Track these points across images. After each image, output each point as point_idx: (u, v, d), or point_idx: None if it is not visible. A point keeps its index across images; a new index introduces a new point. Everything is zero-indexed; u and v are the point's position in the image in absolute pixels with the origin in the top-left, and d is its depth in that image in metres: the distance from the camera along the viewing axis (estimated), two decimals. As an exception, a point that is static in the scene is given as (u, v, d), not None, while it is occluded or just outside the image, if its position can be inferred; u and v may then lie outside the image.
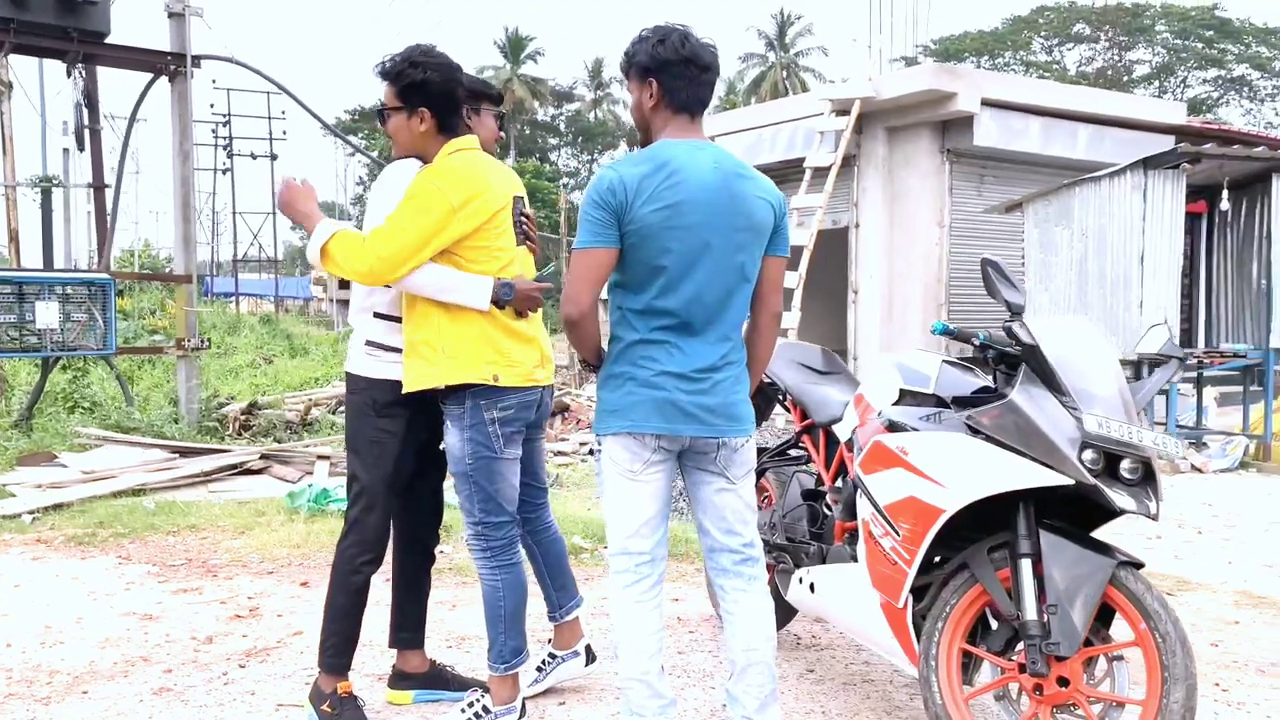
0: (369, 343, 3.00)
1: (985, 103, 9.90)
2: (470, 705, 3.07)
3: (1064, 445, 2.53)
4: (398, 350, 3.01)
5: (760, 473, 3.86)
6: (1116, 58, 49.56)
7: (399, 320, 2.99)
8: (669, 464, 2.68)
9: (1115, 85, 42.23)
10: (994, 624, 2.83)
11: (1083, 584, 2.54)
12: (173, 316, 18.22)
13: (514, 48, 55.82)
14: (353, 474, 3.03)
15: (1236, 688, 3.42)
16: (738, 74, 50.76)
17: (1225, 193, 7.78)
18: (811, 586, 3.28)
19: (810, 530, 3.53)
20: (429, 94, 2.89)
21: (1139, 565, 2.58)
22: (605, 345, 2.74)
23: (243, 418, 9.21)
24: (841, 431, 3.39)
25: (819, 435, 3.60)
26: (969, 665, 2.83)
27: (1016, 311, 2.68)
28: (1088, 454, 2.53)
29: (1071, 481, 2.52)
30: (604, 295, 2.70)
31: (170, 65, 9.06)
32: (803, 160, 10.53)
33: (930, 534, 2.72)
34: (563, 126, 59.33)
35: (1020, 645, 2.70)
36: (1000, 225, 10.17)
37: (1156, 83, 48.14)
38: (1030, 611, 2.57)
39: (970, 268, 10.62)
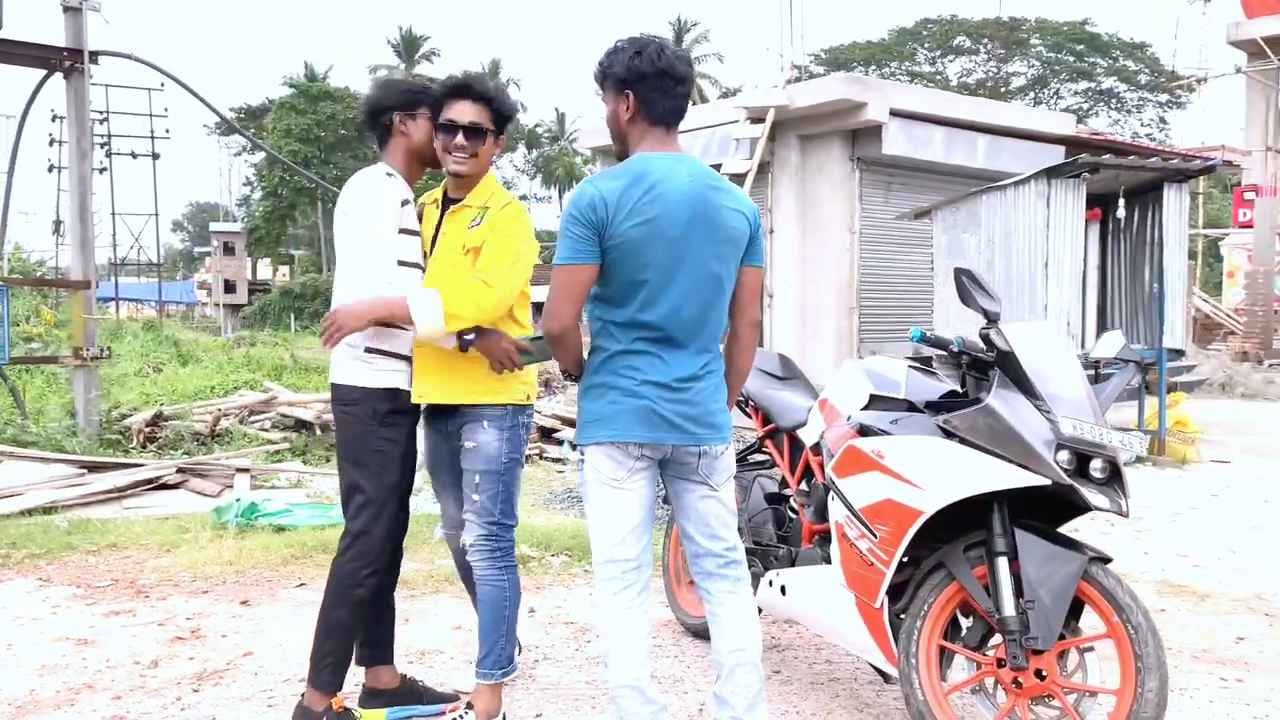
0: (369, 350, 2.95)
1: (893, 112, 10.22)
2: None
3: (1040, 447, 2.65)
4: (399, 357, 2.97)
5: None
6: (995, 69, 51.67)
7: (398, 326, 2.94)
8: (652, 471, 2.70)
9: (995, 96, 44.01)
10: (963, 622, 2.94)
11: (1057, 579, 2.65)
12: (49, 324, 17.36)
13: (408, 47, 54.94)
14: (354, 486, 2.96)
15: (1175, 675, 3.60)
16: (634, 78, 50.76)
17: (1121, 201, 8.20)
18: (782, 589, 3.34)
19: (777, 534, 3.59)
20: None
21: (1107, 560, 2.72)
22: (585, 355, 2.76)
23: (148, 429, 8.83)
24: (807, 436, 3.46)
25: (783, 440, 3.67)
26: (941, 662, 2.93)
27: (993, 319, 2.79)
28: (1062, 455, 2.65)
29: (1048, 482, 2.63)
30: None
31: (66, 61, 8.63)
32: (719, 167, 10.66)
33: (908, 535, 2.81)
34: (457, 128, 58.52)
35: (995, 640, 2.82)
36: (909, 231, 10.52)
37: (1032, 94, 50.38)
38: (1009, 607, 2.68)
39: (880, 273, 10.95)
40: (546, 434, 9.46)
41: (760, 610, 3.54)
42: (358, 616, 3.03)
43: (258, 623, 4.21)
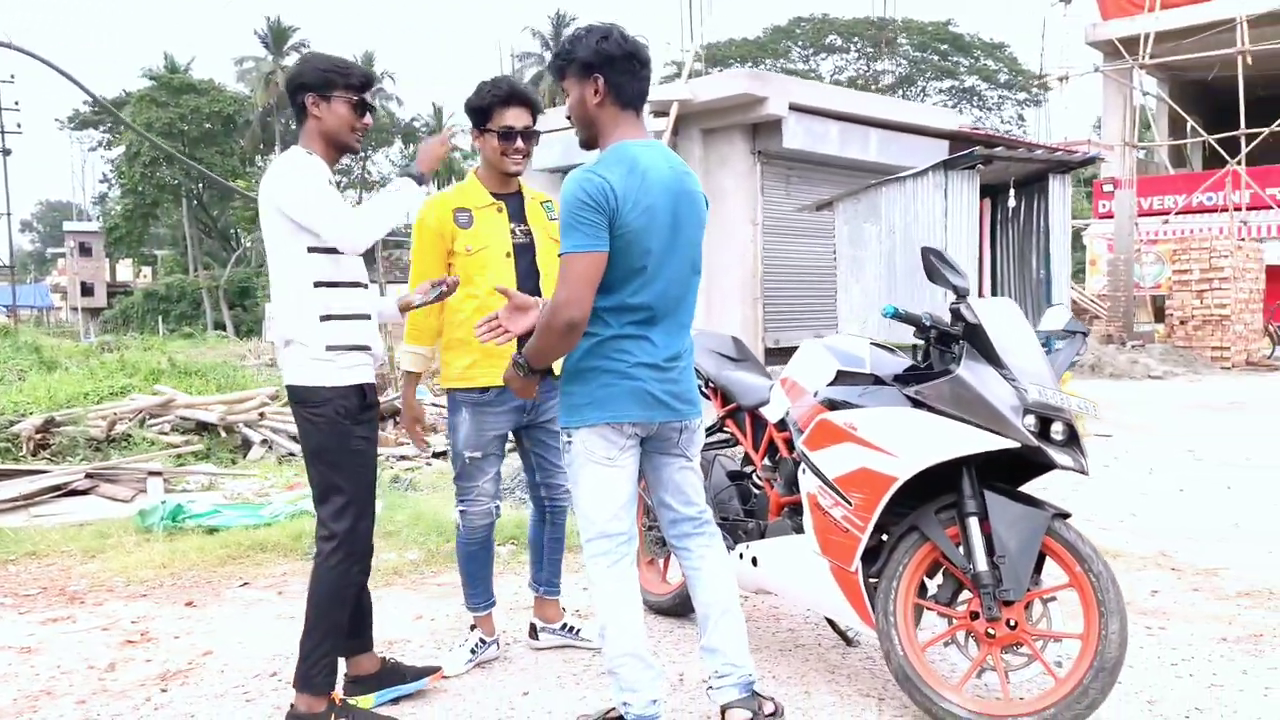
0: (330, 348, 2.89)
1: (792, 107, 10.51)
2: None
3: (1008, 413, 2.84)
4: (360, 349, 2.96)
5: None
6: (865, 68, 53.41)
7: (357, 318, 2.94)
8: (638, 448, 2.82)
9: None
10: (929, 583, 3.12)
11: (1025, 535, 2.86)
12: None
13: (276, 39, 53.18)
14: (332, 487, 2.91)
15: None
16: (516, 73, 50.67)
17: (1012, 191, 8.69)
18: (754, 560, 3.47)
19: (743, 509, 3.72)
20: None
21: (1067, 515, 2.93)
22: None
23: (38, 436, 8.39)
24: (770, 413, 3.59)
25: (744, 419, 3.80)
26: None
27: (962, 294, 2.98)
28: (1028, 419, 2.85)
29: (1017, 445, 2.83)
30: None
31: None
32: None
33: (883, 501, 2.97)
34: (331, 122, 57.00)
35: (964, 596, 3.02)
36: (810, 223, 10.84)
37: (900, 92, 52.29)
38: (982, 563, 2.87)
39: (783, 264, 11.25)
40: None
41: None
42: (347, 615, 3.02)
43: (208, 623, 4.11)
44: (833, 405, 3.20)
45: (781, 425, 3.54)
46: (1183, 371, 15.78)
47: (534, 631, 3.73)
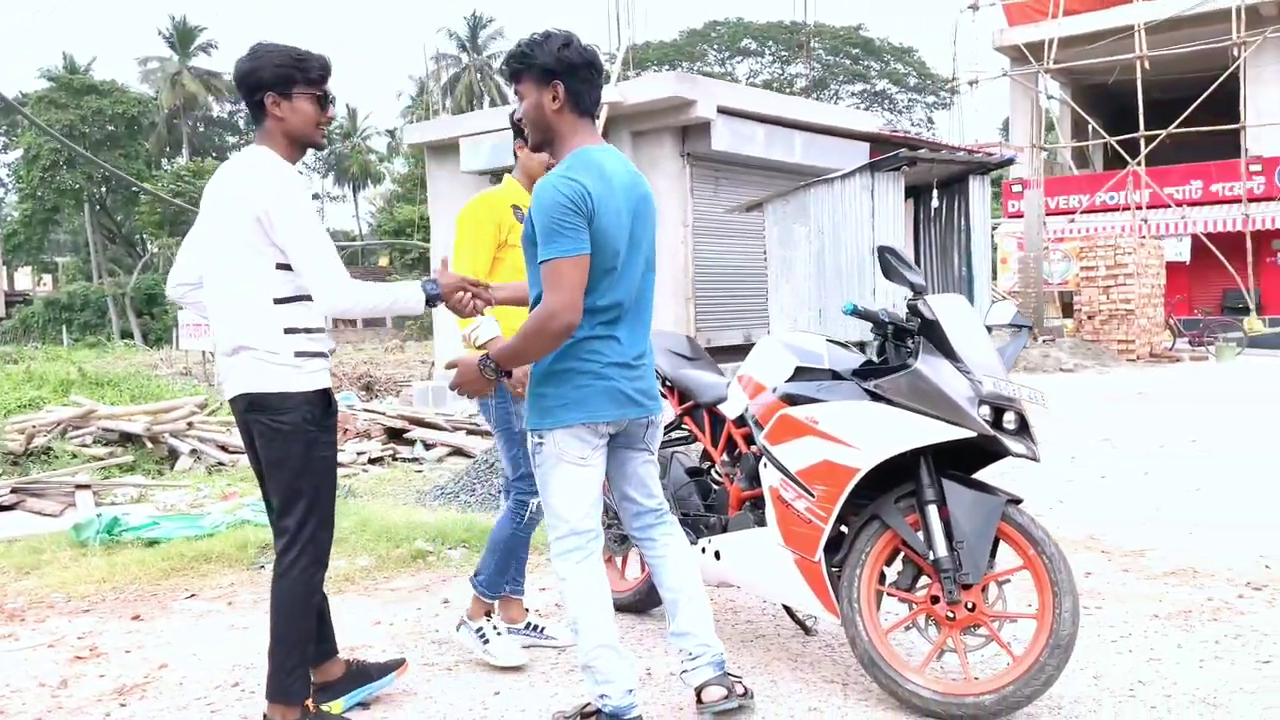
0: (299, 354, 2.84)
1: (720, 110, 10.66)
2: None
3: (964, 404, 2.97)
4: (323, 355, 2.95)
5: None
6: (780, 71, 54.23)
7: (317, 330, 2.92)
8: (607, 446, 2.89)
9: (783, 96, 46.14)
10: (887, 572, 3.24)
11: (981, 521, 2.98)
12: None
13: (182, 39, 51.70)
14: (296, 495, 2.87)
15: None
16: (431, 74, 50.16)
17: (935, 192, 8.96)
18: (716, 554, 3.54)
19: (703, 504, 3.79)
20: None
21: (1019, 501, 3.07)
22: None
23: (-50, 451, 8.04)
24: (729, 410, 3.68)
25: (702, 416, 3.88)
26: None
27: (920, 291, 3.10)
28: (983, 410, 2.98)
29: (974, 434, 2.96)
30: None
31: None
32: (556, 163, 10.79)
33: (846, 492, 3.08)
34: (241, 123, 55.73)
35: (923, 581, 3.14)
36: (740, 224, 10.99)
37: (814, 95, 53.26)
38: (942, 549, 2.99)
39: (713, 264, 11.39)
40: (396, 435, 9.31)
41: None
42: (313, 621, 3.00)
43: (159, 636, 4.02)
44: (792, 400, 3.30)
45: (740, 421, 3.63)
46: (1092, 364, 16.41)
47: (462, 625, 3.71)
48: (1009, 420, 3.02)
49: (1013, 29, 23.36)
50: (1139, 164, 21.08)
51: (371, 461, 8.47)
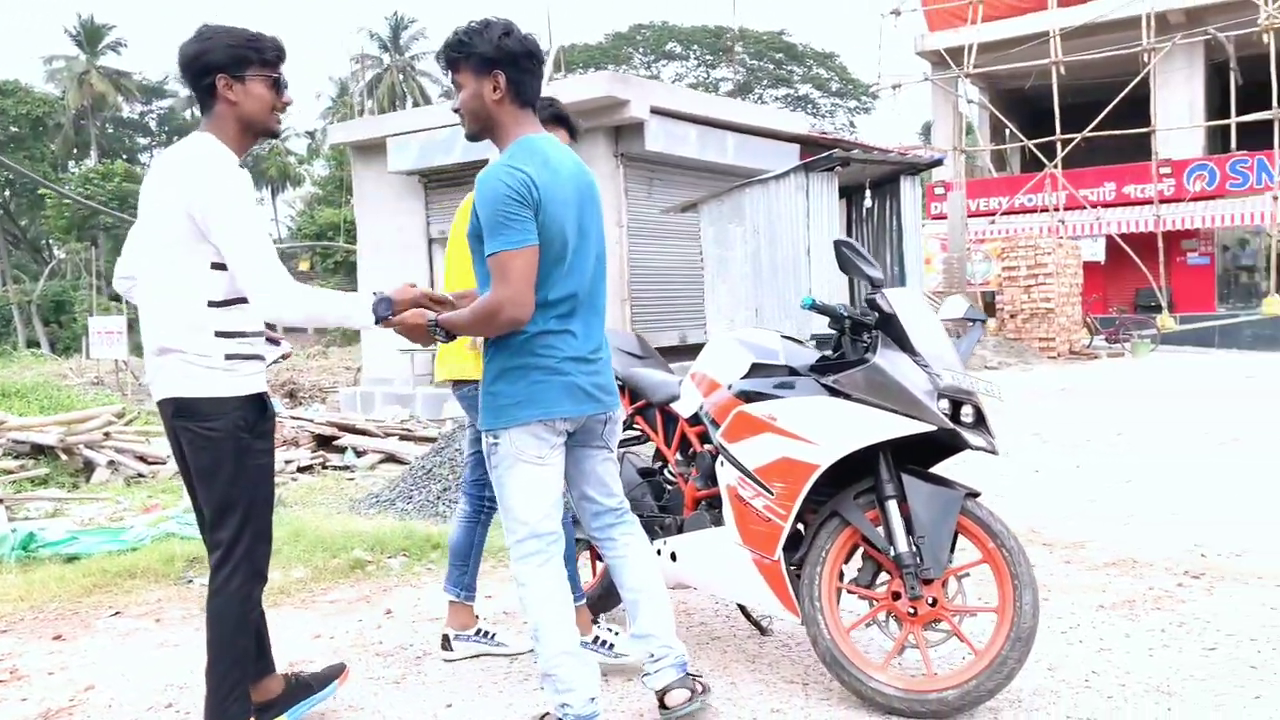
0: (230, 356, 2.68)
1: (654, 110, 10.62)
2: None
3: (924, 398, 2.95)
4: (257, 358, 2.79)
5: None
6: (705, 75, 54.58)
7: (254, 335, 2.76)
8: (564, 444, 2.80)
9: (708, 100, 46.45)
10: (845, 569, 3.21)
11: (941, 515, 2.97)
12: None
13: (90, 37, 49.91)
14: (229, 506, 2.70)
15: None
16: (352, 75, 49.27)
17: (869, 192, 9.05)
18: (673, 556, 3.47)
19: (657, 504, 3.72)
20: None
21: (977, 494, 3.07)
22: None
23: None
24: (683, 409, 3.61)
25: (654, 415, 3.81)
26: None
27: (878, 284, 3.07)
28: (942, 403, 2.97)
29: (934, 428, 2.94)
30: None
31: None
32: (488, 162, 10.63)
33: (805, 489, 3.04)
34: (154, 125, 54.10)
35: (882, 578, 3.11)
36: (674, 225, 10.96)
37: (740, 99, 53.73)
38: (903, 544, 2.97)
39: (648, 265, 11.35)
40: (325, 442, 9.07)
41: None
42: (253, 638, 2.85)
43: (83, 656, 3.81)
44: (749, 397, 3.25)
45: (694, 420, 3.57)
46: (1015, 361, 16.79)
47: (446, 642, 3.62)
48: (966, 414, 3.02)
49: (934, 34, 23.83)
50: (1056, 166, 21.67)
51: (301, 470, 8.23)
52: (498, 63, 2.66)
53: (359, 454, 8.69)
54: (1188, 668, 3.30)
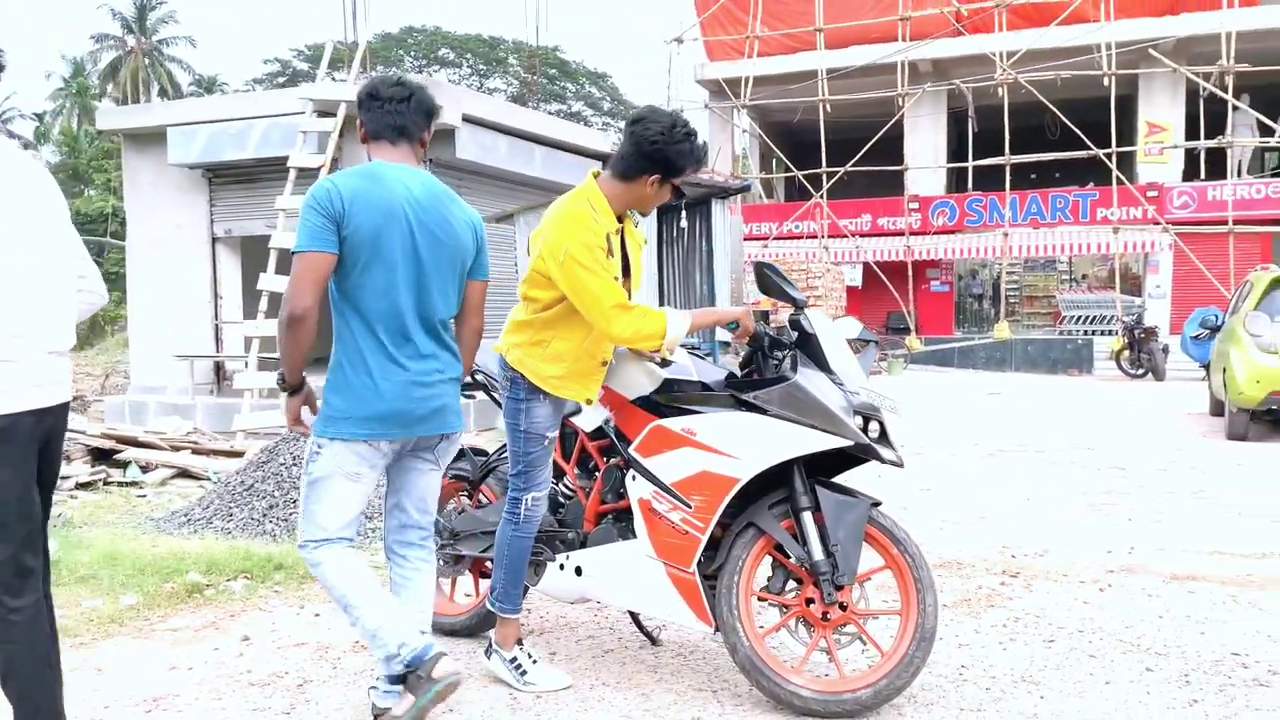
0: None
1: (465, 118, 10.47)
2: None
3: (841, 414, 3.11)
4: None
5: (482, 479, 3.92)
6: (479, 84, 54.21)
7: None
8: (386, 460, 2.95)
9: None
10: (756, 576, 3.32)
11: (852, 524, 3.14)
12: None
13: None
14: None
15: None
16: (90, 55, 45.11)
17: (684, 213, 9.34)
18: (577, 570, 3.46)
19: (555, 519, 3.68)
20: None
21: (879, 503, 3.27)
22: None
23: None
24: (584, 423, 3.61)
25: (552, 429, 3.77)
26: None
27: (801, 306, 3.21)
28: (856, 419, 3.15)
29: (850, 442, 3.11)
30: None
31: None
32: (283, 159, 10.10)
33: (724, 502, 3.13)
34: None
35: (791, 585, 3.25)
36: (490, 234, 10.82)
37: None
38: (818, 553, 3.11)
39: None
40: (103, 456, 8.25)
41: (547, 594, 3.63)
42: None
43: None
44: (661, 413, 3.31)
45: (595, 435, 3.58)
46: (788, 378, 17.83)
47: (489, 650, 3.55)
48: (873, 429, 3.21)
49: (713, 64, 24.90)
50: (822, 197, 23.19)
51: (80, 486, 7.45)
52: (359, 108, 3.02)
53: (144, 469, 7.98)
54: (1039, 659, 3.65)
